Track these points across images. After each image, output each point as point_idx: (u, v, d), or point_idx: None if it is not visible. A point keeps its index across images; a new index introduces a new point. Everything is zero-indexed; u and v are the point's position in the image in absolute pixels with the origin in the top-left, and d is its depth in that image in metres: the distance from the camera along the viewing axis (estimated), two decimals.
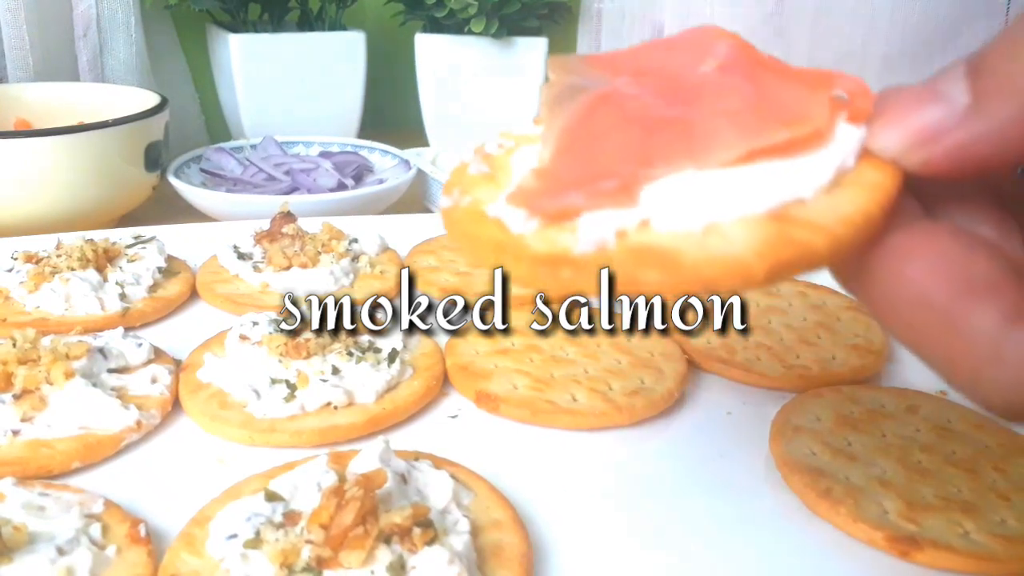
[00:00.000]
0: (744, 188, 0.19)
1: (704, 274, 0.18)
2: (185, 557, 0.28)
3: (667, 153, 0.19)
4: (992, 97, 0.18)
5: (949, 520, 0.31)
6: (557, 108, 0.21)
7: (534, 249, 0.19)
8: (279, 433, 0.36)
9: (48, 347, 0.37)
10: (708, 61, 0.21)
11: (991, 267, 0.18)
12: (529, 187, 0.20)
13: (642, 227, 0.19)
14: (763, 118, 0.19)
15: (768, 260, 0.18)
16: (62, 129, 0.57)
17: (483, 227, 0.21)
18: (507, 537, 0.29)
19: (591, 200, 0.19)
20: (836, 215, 0.18)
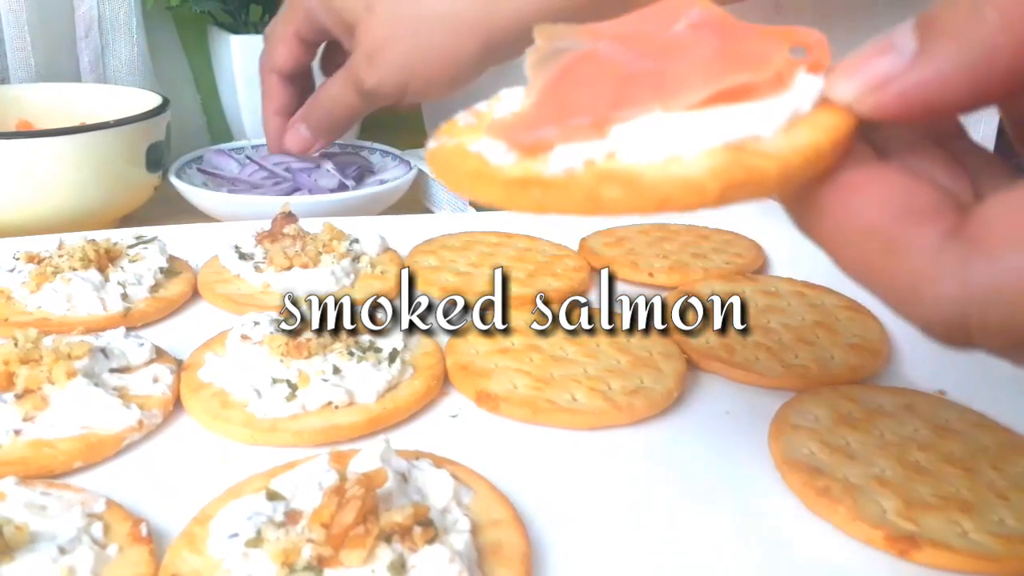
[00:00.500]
0: (706, 126, 0.20)
1: (661, 191, 0.19)
2: (186, 556, 0.28)
3: (638, 97, 0.21)
4: (935, 45, 0.19)
5: (947, 519, 0.31)
6: (541, 68, 0.23)
7: (508, 173, 0.21)
8: (280, 432, 0.36)
9: (50, 347, 0.37)
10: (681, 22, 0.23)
11: (931, 193, 0.20)
12: (506, 120, 0.22)
13: (609, 158, 0.20)
14: (727, 65, 0.21)
15: (721, 180, 0.19)
16: (64, 130, 0.57)
17: (464, 160, 0.22)
18: (507, 536, 0.29)
19: (564, 134, 0.21)
20: (788, 146, 0.20)
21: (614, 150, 0.20)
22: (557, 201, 0.20)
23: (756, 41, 0.22)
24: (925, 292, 0.19)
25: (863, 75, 0.20)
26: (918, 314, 0.19)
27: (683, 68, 0.21)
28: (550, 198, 0.20)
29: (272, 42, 0.65)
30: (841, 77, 0.21)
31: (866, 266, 0.20)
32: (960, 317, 0.19)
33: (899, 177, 0.20)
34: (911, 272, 0.19)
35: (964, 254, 0.18)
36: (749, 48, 0.21)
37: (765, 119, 0.20)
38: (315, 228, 0.52)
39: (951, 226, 0.19)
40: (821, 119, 0.21)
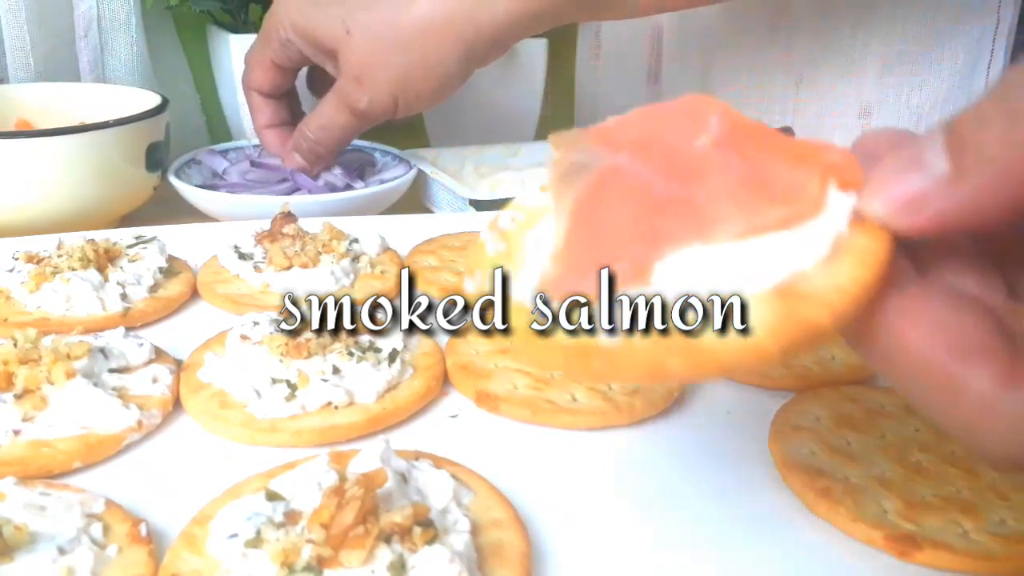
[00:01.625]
0: (749, 264, 0.20)
1: (723, 360, 0.20)
2: (186, 556, 0.28)
3: (673, 233, 0.21)
4: (968, 167, 0.19)
5: (948, 519, 0.30)
6: (564, 186, 0.23)
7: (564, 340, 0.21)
8: (280, 433, 0.35)
9: (49, 347, 0.37)
10: (702, 136, 0.22)
11: (982, 330, 0.20)
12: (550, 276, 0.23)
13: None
14: (759, 195, 0.21)
15: (781, 341, 0.19)
16: (63, 129, 0.57)
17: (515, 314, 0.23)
18: (507, 536, 0.29)
19: None
20: (835, 287, 0.20)
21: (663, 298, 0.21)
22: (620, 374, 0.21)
23: (784, 164, 0.22)
24: (984, 429, 0.20)
25: (895, 194, 0.20)
26: (981, 448, 0.20)
27: (714, 198, 0.21)
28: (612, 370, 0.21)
29: (251, 66, 0.66)
30: (874, 195, 0.21)
31: (924, 396, 0.21)
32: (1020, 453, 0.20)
33: (945, 307, 0.20)
34: (969, 412, 0.20)
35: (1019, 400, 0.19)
36: (779, 175, 0.21)
37: (807, 251, 0.20)
38: (315, 228, 0.52)
39: (1002, 366, 0.19)
40: (858, 242, 0.21)
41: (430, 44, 0.57)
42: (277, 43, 0.62)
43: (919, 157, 0.20)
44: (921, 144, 0.21)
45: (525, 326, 0.22)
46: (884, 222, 0.21)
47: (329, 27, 0.58)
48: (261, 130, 0.68)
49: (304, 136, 0.64)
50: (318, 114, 0.63)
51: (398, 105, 0.61)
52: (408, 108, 0.61)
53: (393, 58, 0.58)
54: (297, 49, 0.62)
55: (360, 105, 0.60)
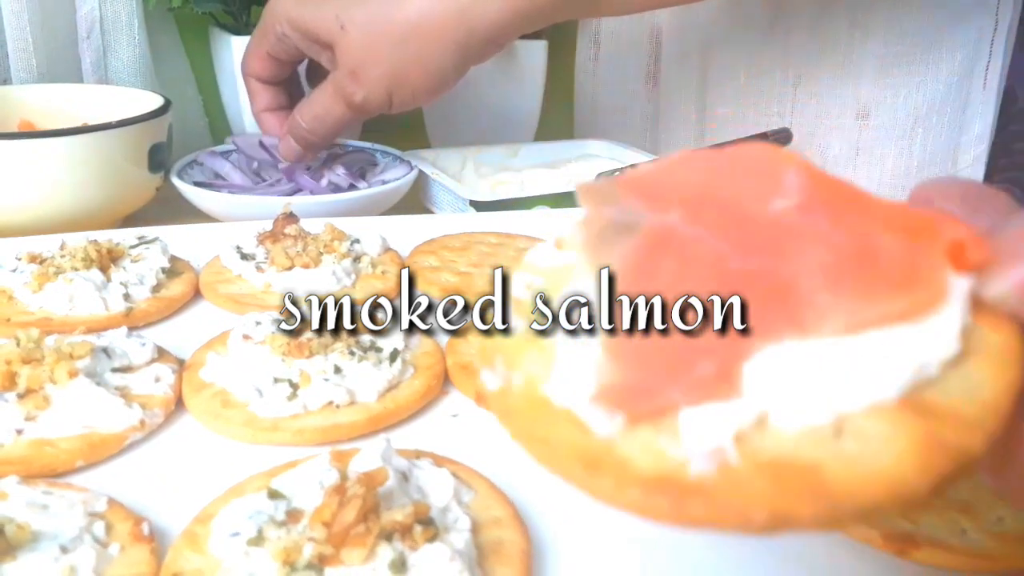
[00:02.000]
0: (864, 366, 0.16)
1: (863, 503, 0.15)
2: (188, 555, 0.28)
3: (763, 321, 0.17)
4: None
5: (946, 518, 0.30)
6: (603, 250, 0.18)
7: (638, 467, 0.16)
8: (281, 432, 0.36)
9: (52, 346, 0.37)
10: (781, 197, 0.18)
11: None
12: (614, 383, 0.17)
13: (759, 426, 0.16)
14: (867, 277, 0.17)
15: (929, 477, 0.15)
16: (66, 131, 0.57)
17: (553, 426, 0.17)
18: (507, 534, 0.29)
19: (689, 393, 0.16)
20: (980, 401, 0.16)
21: (763, 413, 0.16)
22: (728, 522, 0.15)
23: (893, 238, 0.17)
24: None
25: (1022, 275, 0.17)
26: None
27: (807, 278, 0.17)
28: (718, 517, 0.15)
29: (249, 55, 0.66)
30: (1001, 277, 0.17)
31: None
32: None
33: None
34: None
35: None
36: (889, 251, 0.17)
37: (934, 351, 0.17)
38: (316, 229, 0.52)
39: None
40: (987, 338, 0.17)
41: (424, 41, 0.57)
42: (273, 37, 0.63)
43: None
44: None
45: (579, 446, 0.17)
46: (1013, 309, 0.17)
47: (324, 22, 0.59)
48: (259, 114, 0.69)
49: (297, 124, 0.64)
50: (313, 102, 0.63)
51: (392, 101, 0.61)
52: (403, 104, 0.61)
53: (388, 53, 0.58)
54: (293, 43, 0.62)
55: (355, 98, 0.60)
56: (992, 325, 0.17)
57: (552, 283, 0.20)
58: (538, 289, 0.20)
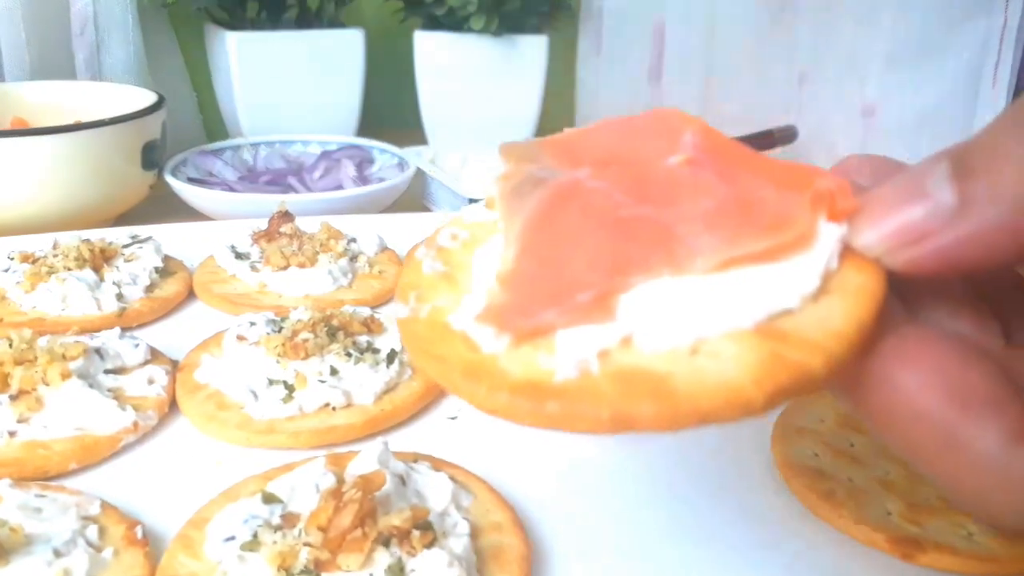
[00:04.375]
0: (728, 298, 0.18)
1: (702, 407, 0.17)
2: (182, 559, 0.28)
3: (642, 259, 0.19)
4: (978, 200, 0.17)
5: (952, 521, 0.31)
6: (516, 202, 0.20)
7: (511, 375, 0.18)
8: (277, 434, 0.36)
9: (44, 347, 0.37)
10: (676, 153, 0.20)
11: (988, 379, 0.18)
12: (498, 304, 0.19)
13: (624, 345, 0.18)
14: (742, 222, 0.19)
15: (766, 387, 0.17)
16: (59, 128, 0.58)
17: (449, 345, 0.19)
18: (507, 539, 0.29)
19: (566, 316, 0.18)
20: (827, 329, 0.18)
21: (630, 334, 0.18)
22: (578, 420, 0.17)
23: (770, 189, 0.19)
24: (993, 495, 0.17)
25: (893, 226, 0.18)
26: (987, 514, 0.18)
27: (689, 223, 0.19)
28: (569, 415, 0.17)
29: None
30: (868, 226, 0.19)
31: (921, 454, 0.18)
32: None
33: (945, 352, 0.18)
34: (976, 475, 0.17)
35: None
36: (764, 200, 0.19)
37: (794, 287, 0.18)
38: (313, 228, 0.52)
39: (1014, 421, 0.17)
40: (850, 279, 0.19)
41: None
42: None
43: (920, 185, 0.18)
44: (922, 171, 0.18)
45: (465, 359, 0.19)
46: (879, 257, 0.19)
47: None
48: None
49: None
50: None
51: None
52: None
53: None
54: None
55: None
56: (858, 268, 0.19)
57: (476, 235, 0.22)
58: (462, 240, 0.22)
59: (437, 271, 0.21)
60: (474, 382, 0.18)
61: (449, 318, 0.20)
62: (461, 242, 0.22)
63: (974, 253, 0.18)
